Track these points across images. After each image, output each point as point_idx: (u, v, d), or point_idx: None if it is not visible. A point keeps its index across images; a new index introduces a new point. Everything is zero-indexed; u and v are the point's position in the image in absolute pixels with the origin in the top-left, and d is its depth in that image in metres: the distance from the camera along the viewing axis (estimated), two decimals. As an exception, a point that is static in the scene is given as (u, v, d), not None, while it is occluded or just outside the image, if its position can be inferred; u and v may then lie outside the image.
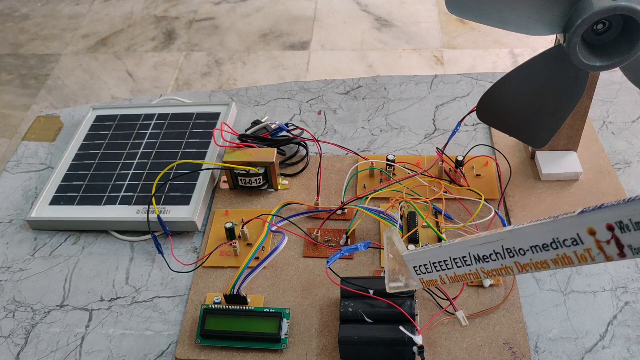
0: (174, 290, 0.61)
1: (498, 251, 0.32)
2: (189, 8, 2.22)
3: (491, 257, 0.33)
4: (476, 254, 0.33)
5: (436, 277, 0.37)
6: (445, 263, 0.36)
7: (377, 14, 2.10)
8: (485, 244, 0.33)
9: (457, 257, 0.35)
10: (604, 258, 0.28)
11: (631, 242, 0.27)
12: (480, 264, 0.33)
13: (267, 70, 1.91)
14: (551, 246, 0.29)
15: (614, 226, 0.27)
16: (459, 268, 0.35)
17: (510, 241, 0.31)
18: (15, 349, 0.58)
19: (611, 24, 0.52)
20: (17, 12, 2.30)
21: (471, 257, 0.34)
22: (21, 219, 0.70)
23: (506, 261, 0.32)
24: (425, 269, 0.38)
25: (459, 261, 0.35)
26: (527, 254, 0.31)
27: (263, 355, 0.55)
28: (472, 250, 0.33)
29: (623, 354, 0.52)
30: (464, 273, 0.35)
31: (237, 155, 0.67)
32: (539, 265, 0.31)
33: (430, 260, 0.37)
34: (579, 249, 0.28)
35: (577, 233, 0.28)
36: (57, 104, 1.88)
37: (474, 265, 0.34)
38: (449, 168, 0.68)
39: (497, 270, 0.33)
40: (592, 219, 0.27)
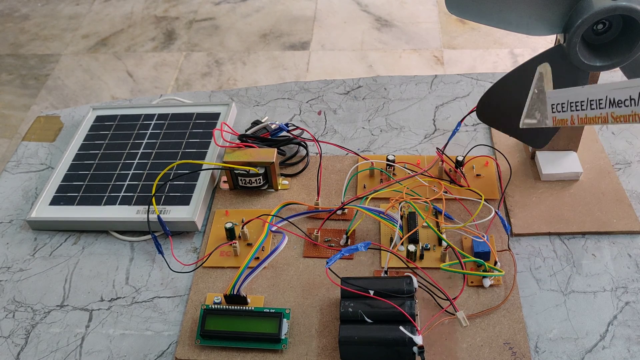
0: (174, 290, 0.61)
1: (634, 97, 0.33)
2: (189, 8, 2.22)
3: (625, 102, 0.34)
4: (613, 97, 0.35)
5: (568, 116, 0.39)
6: (581, 103, 0.37)
7: (377, 14, 2.10)
8: (624, 89, 0.34)
9: (594, 99, 0.36)
10: None
11: None
12: (613, 108, 0.35)
13: (267, 70, 1.92)
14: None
15: None
16: (592, 110, 0.36)
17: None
18: (15, 349, 0.58)
19: (611, 24, 0.52)
20: (17, 12, 2.30)
21: (607, 100, 0.35)
22: (21, 219, 0.70)
23: (638, 108, 0.33)
24: (561, 107, 0.39)
25: (595, 103, 0.36)
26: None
27: (263, 355, 0.54)
28: (610, 94, 0.35)
29: (623, 354, 0.52)
30: (594, 116, 0.37)
31: (237, 155, 0.67)
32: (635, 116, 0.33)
33: (568, 99, 0.38)
34: None
35: None
36: (57, 104, 1.89)
37: (607, 109, 0.35)
38: (449, 168, 0.68)
39: (625, 117, 0.35)
40: None
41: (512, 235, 0.62)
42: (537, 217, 0.63)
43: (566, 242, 0.61)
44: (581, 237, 0.62)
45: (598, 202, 0.64)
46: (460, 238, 0.62)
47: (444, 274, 0.59)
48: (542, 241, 0.62)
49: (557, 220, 0.63)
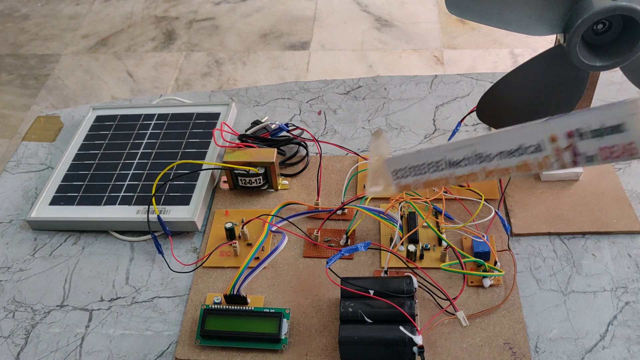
0: (174, 290, 0.61)
1: (469, 156, 0.34)
2: (189, 8, 2.22)
3: (462, 162, 0.35)
4: (450, 158, 0.36)
5: (411, 181, 0.40)
6: (421, 167, 0.38)
7: (377, 14, 2.10)
8: (459, 149, 0.35)
9: (433, 162, 0.37)
10: (559, 166, 0.30)
11: (586, 150, 0.29)
12: (453, 169, 0.36)
13: (267, 70, 1.92)
14: (516, 152, 0.32)
15: (573, 133, 0.29)
16: (433, 173, 0.38)
17: (482, 146, 0.34)
18: (15, 349, 0.58)
19: (611, 24, 0.52)
20: (17, 12, 2.30)
21: (445, 161, 0.36)
22: (21, 219, 0.70)
23: (475, 167, 0.35)
24: (402, 173, 0.40)
25: (434, 166, 0.37)
26: (494, 160, 0.33)
27: (263, 355, 0.54)
28: (447, 155, 0.36)
29: (623, 354, 0.52)
30: (436, 178, 0.38)
31: (237, 155, 0.67)
32: (503, 172, 0.33)
33: (409, 164, 0.39)
34: (540, 156, 0.31)
35: (540, 140, 0.30)
36: (57, 104, 1.89)
37: (447, 170, 0.37)
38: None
39: (465, 176, 0.36)
40: (556, 126, 0.30)
41: (512, 235, 0.62)
42: (537, 217, 0.63)
43: (566, 242, 0.61)
44: (581, 237, 0.62)
45: (598, 202, 0.64)
46: (460, 238, 0.62)
47: (444, 274, 0.59)
48: (542, 241, 0.62)
49: (557, 220, 0.63)
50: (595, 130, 0.28)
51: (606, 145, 0.28)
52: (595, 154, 0.29)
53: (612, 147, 0.28)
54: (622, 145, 0.27)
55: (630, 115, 0.27)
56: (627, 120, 0.27)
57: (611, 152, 0.28)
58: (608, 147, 0.28)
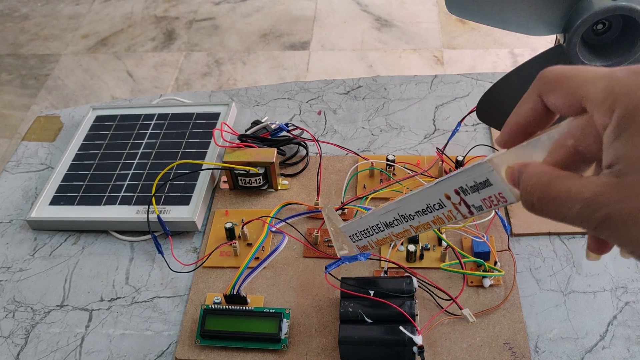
0: (174, 290, 0.61)
1: (397, 218, 0.39)
2: (189, 8, 2.22)
3: (395, 222, 0.40)
4: (384, 221, 0.41)
5: (365, 243, 0.45)
6: (367, 231, 0.43)
7: (377, 14, 2.10)
8: (388, 213, 0.40)
9: (373, 225, 0.42)
10: (462, 217, 0.34)
11: (473, 202, 0.33)
12: (390, 229, 0.41)
13: (267, 70, 1.92)
14: (427, 210, 0.36)
15: (459, 191, 0.33)
16: (377, 234, 0.42)
17: (402, 209, 0.38)
18: (15, 349, 0.58)
19: (611, 24, 0.52)
20: (17, 12, 2.30)
21: (382, 224, 0.41)
22: (21, 219, 0.70)
23: (405, 225, 0.39)
24: (357, 237, 0.45)
25: (375, 229, 0.42)
26: (416, 218, 0.38)
27: (263, 355, 0.54)
28: (382, 219, 0.41)
29: (623, 354, 0.52)
30: (382, 237, 0.42)
31: (237, 155, 0.67)
32: (425, 226, 0.38)
33: (357, 229, 0.44)
34: (445, 211, 0.35)
35: (439, 199, 0.35)
36: (57, 104, 1.89)
37: (386, 230, 0.41)
38: (449, 168, 0.68)
39: (402, 233, 0.40)
40: (443, 187, 0.34)
41: (512, 235, 0.62)
42: (537, 217, 0.63)
43: (566, 242, 0.61)
44: (581, 237, 0.62)
45: (598, 202, 0.64)
46: (460, 238, 0.62)
47: (444, 274, 0.59)
48: (542, 241, 0.62)
49: (557, 220, 0.62)
50: (472, 187, 0.32)
51: (485, 196, 0.32)
52: (481, 204, 0.33)
53: (489, 197, 0.32)
54: (494, 196, 0.32)
55: (489, 172, 0.31)
56: (489, 176, 0.31)
57: (491, 201, 0.32)
58: (487, 198, 0.32)
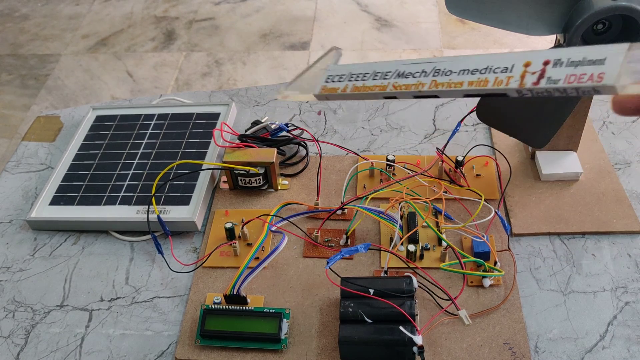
0: (174, 290, 0.61)
1: (426, 70, 0.32)
2: (189, 8, 2.22)
3: (414, 74, 0.32)
4: (403, 70, 0.33)
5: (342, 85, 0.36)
6: (364, 75, 0.35)
7: (377, 14, 2.10)
8: (419, 64, 0.33)
9: (381, 71, 0.34)
10: (517, 85, 0.29)
11: (552, 75, 0.28)
12: (397, 79, 0.33)
13: (267, 70, 1.92)
14: (479, 71, 0.30)
15: (550, 61, 0.28)
16: (373, 80, 0.34)
17: (447, 64, 0.31)
18: (15, 349, 0.58)
19: (611, 24, 0.52)
20: (17, 12, 2.30)
21: (395, 72, 0.33)
22: (21, 219, 0.70)
23: (424, 79, 0.32)
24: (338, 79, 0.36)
25: (379, 75, 0.34)
26: (451, 75, 0.31)
27: (263, 355, 0.54)
28: (401, 68, 0.33)
29: (623, 354, 0.52)
30: (373, 85, 0.34)
31: (237, 155, 0.67)
32: (452, 85, 0.31)
33: (351, 71, 0.36)
34: (502, 76, 0.29)
35: (513, 64, 0.29)
36: (57, 104, 1.89)
37: (391, 80, 0.33)
38: (449, 168, 0.68)
39: (407, 86, 0.33)
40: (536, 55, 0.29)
41: (512, 235, 0.62)
42: (537, 217, 0.63)
43: (566, 242, 0.61)
44: (581, 237, 0.62)
45: (598, 202, 0.64)
46: (460, 238, 0.62)
47: (444, 274, 0.59)
48: (542, 241, 0.62)
49: (557, 220, 0.63)
50: (574, 62, 0.28)
51: (576, 73, 0.27)
52: (560, 78, 0.28)
53: (582, 74, 0.27)
54: (591, 74, 0.27)
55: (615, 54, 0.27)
56: (609, 56, 0.27)
57: (578, 78, 0.27)
58: (576, 75, 0.27)
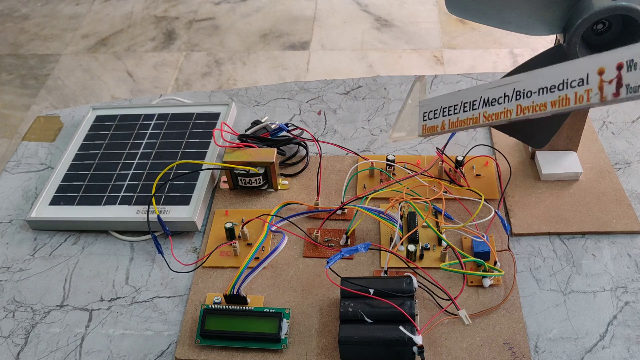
0: (174, 290, 0.61)
1: (508, 94, 0.35)
2: (189, 8, 2.22)
3: (499, 100, 0.35)
4: (487, 97, 0.36)
5: (440, 122, 0.40)
6: (454, 108, 0.39)
7: (377, 14, 2.10)
8: (499, 87, 0.35)
9: (468, 102, 0.37)
10: (599, 99, 0.30)
11: (629, 81, 0.29)
12: (486, 107, 0.36)
13: (267, 70, 1.92)
14: (557, 87, 0.32)
15: (623, 65, 0.29)
16: (464, 112, 0.38)
17: (524, 83, 0.34)
18: (15, 349, 0.58)
19: (611, 24, 0.52)
20: (17, 12, 2.30)
21: (481, 100, 0.37)
22: (21, 219, 0.70)
23: (510, 104, 0.35)
24: (433, 115, 0.40)
25: (468, 105, 0.37)
26: (532, 97, 0.33)
27: (263, 355, 0.55)
28: (484, 94, 0.36)
29: (623, 354, 0.52)
30: (466, 118, 0.38)
31: (237, 155, 0.67)
32: (537, 108, 0.33)
33: (442, 105, 0.39)
34: (581, 90, 0.31)
35: (587, 73, 0.30)
36: (57, 104, 1.89)
37: (480, 109, 0.37)
38: (449, 168, 0.68)
39: (497, 114, 0.36)
40: (607, 59, 0.30)
41: (512, 235, 0.62)
42: (536, 217, 0.63)
43: (566, 242, 0.61)
44: (581, 237, 0.62)
45: (598, 202, 0.64)
46: (460, 238, 0.62)
47: (444, 273, 0.59)
48: (542, 241, 0.62)
49: (556, 220, 0.63)
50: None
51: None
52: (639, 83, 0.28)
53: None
54: None
55: None
56: None
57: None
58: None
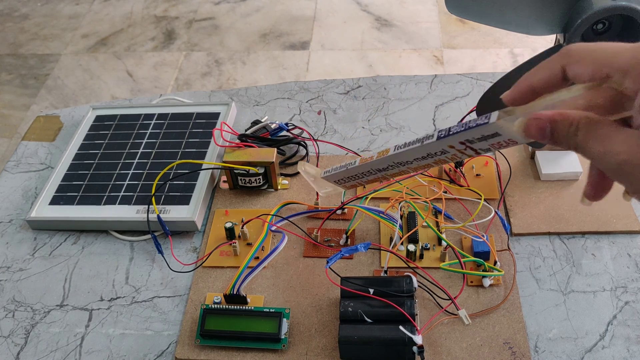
0: (174, 290, 0.61)
1: (391, 164, 0.40)
2: (189, 8, 2.22)
3: (389, 168, 0.41)
4: (377, 168, 0.42)
5: (355, 183, 0.46)
6: (356, 176, 0.44)
7: (377, 14, 2.10)
8: (381, 161, 0.41)
9: (364, 172, 0.43)
10: (467, 156, 0.37)
11: (479, 147, 0.35)
12: (383, 172, 0.42)
13: (267, 70, 1.92)
14: (429, 157, 0.38)
15: (464, 142, 0.35)
16: (368, 177, 0.44)
17: (399, 157, 0.39)
18: (15, 349, 0.58)
19: (611, 24, 0.52)
20: (17, 12, 2.30)
21: (374, 170, 0.42)
22: (21, 219, 0.70)
23: (402, 168, 0.41)
24: (343, 181, 0.46)
25: (366, 174, 0.43)
26: (414, 163, 0.39)
27: (263, 355, 0.55)
28: (373, 166, 0.42)
29: (623, 354, 0.52)
30: (373, 178, 0.44)
31: (237, 155, 0.67)
32: (426, 166, 0.40)
33: (345, 176, 0.45)
34: (449, 155, 0.37)
35: (442, 149, 0.37)
36: (57, 104, 1.89)
37: (379, 173, 0.43)
38: (449, 168, 0.68)
39: (397, 173, 0.42)
40: (449, 140, 0.35)
41: (512, 235, 0.62)
42: (536, 217, 0.63)
43: (566, 242, 0.61)
44: (581, 237, 0.62)
45: (598, 202, 0.64)
46: (460, 238, 0.62)
47: (444, 273, 0.59)
48: (541, 241, 0.62)
49: (556, 220, 0.63)
50: (479, 138, 0.34)
51: (493, 142, 0.34)
52: (488, 147, 0.35)
53: (498, 142, 0.34)
54: (504, 141, 0.34)
55: (499, 128, 0.33)
56: (498, 130, 0.33)
57: (499, 144, 0.34)
58: (495, 143, 0.34)
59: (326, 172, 0.47)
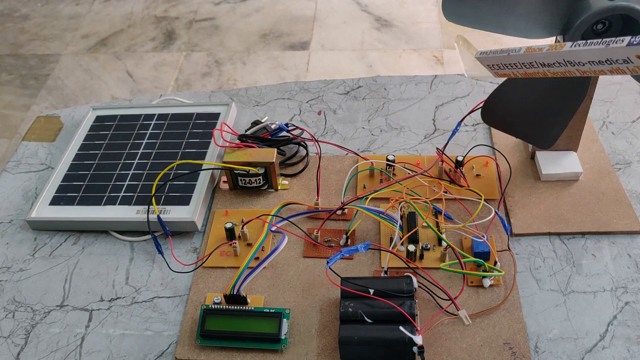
0: (174, 290, 0.61)
1: (560, 62, 0.37)
2: (189, 8, 2.22)
3: (555, 64, 0.38)
4: (542, 62, 0.38)
5: (509, 72, 0.42)
6: (515, 65, 0.41)
7: (377, 14, 2.10)
8: (549, 55, 0.38)
9: (526, 62, 0.40)
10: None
11: None
12: (547, 67, 0.39)
13: (267, 70, 1.92)
14: (606, 62, 0.35)
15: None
16: (528, 69, 0.40)
17: (570, 56, 0.36)
18: (15, 349, 0.58)
19: (611, 24, 0.52)
20: (17, 12, 2.30)
21: (537, 63, 0.39)
22: (21, 219, 0.70)
23: (569, 68, 0.37)
24: (497, 67, 0.43)
25: (527, 65, 0.39)
26: (587, 65, 0.36)
27: (263, 355, 0.55)
28: (538, 59, 0.38)
29: (623, 354, 0.52)
30: (533, 72, 0.40)
31: (237, 155, 0.67)
32: (597, 72, 0.36)
33: (502, 62, 0.41)
34: (630, 66, 0.34)
35: (627, 57, 0.34)
36: (57, 104, 1.89)
37: (541, 68, 0.39)
38: (449, 168, 0.68)
39: (562, 72, 0.38)
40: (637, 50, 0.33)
41: (512, 235, 0.62)
42: (537, 217, 0.63)
43: (566, 242, 0.61)
44: (581, 237, 0.62)
45: (598, 202, 0.64)
46: (460, 238, 0.62)
47: (444, 274, 0.59)
48: (542, 241, 0.62)
49: (557, 220, 0.63)
50: None
51: None
52: None
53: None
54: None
55: None
56: None
57: None
58: None
59: (482, 53, 0.43)
